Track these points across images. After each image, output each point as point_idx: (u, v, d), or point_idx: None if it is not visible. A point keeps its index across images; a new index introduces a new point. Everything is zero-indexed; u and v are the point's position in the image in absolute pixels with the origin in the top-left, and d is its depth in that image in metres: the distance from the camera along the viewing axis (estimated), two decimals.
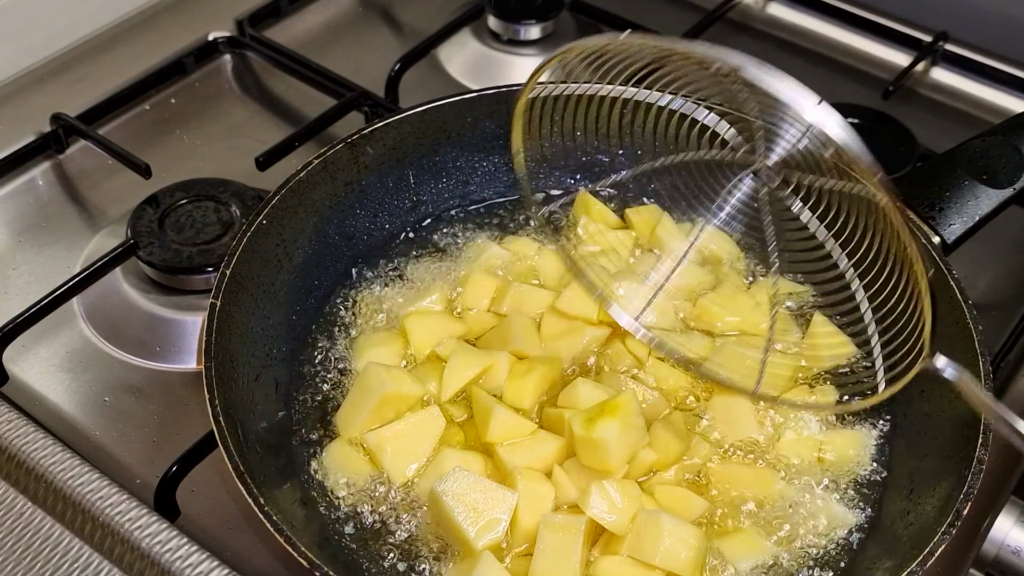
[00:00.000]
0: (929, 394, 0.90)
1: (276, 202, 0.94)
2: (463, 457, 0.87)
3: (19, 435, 0.89)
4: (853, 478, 0.89)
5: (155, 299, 1.05)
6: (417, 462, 0.88)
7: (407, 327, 0.97)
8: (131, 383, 1.00)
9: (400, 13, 1.46)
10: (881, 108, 1.28)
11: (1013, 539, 0.92)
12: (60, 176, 1.20)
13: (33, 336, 1.01)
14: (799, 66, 1.39)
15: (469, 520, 0.81)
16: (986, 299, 1.10)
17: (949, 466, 0.83)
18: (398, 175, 1.05)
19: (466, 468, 0.85)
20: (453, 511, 0.81)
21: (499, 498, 0.82)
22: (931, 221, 0.95)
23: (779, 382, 0.92)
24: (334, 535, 0.85)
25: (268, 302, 0.93)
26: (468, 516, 0.81)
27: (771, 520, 0.86)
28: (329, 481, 0.88)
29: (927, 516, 0.80)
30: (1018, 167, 0.98)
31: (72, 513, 0.85)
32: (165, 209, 1.09)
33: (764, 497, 0.87)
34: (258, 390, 0.90)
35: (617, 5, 1.41)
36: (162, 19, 1.37)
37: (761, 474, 0.88)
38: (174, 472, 0.89)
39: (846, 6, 1.42)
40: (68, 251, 1.12)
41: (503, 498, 0.83)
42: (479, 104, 1.05)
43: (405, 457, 0.88)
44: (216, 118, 1.28)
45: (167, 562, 0.81)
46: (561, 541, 0.81)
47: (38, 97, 1.26)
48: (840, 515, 0.87)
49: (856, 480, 0.89)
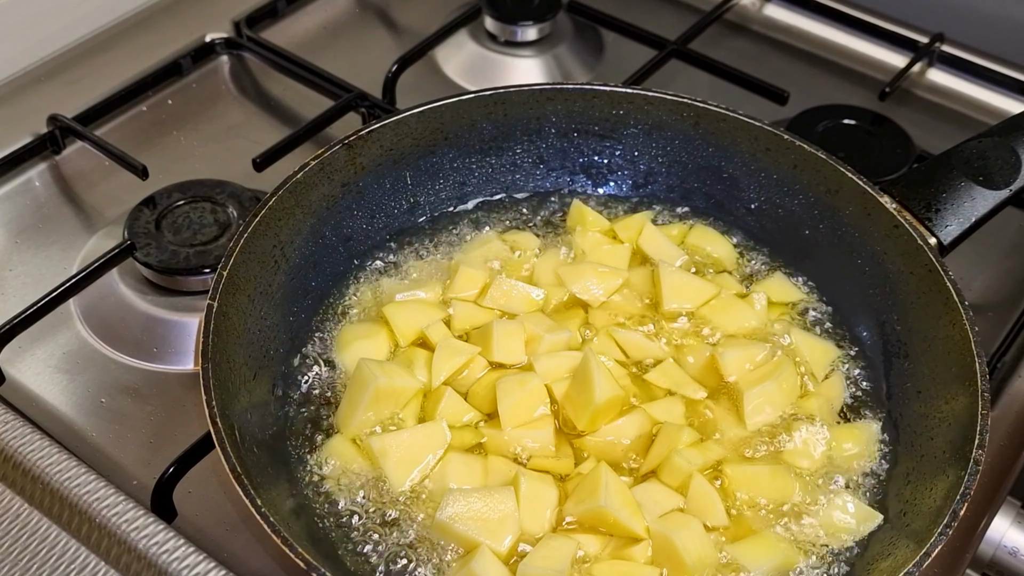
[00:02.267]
0: (926, 395, 0.90)
1: (273, 203, 0.94)
2: (464, 461, 0.88)
3: (15, 436, 0.89)
4: (851, 478, 0.90)
5: (152, 300, 1.05)
6: (418, 471, 0.88)
7: (389, 316, 0.97)
8: (128, 384, 1.00)
9: (397, 14, 1.46)
10: (877, 109, 1.29)
11: (1010, 539, 0.92)
12: (57, 177, 1.20)
13: (30, 337, 1.01)
14: (796, 67, 1.39)
15: (485, 533, 0.82)
16: (982, 300, 1.11)
17: (946, 467, 0.83)
18: (395, 176, 1.05)
19: (468, 471, 0.86)
20: (467, 532, 0.82)
21: (500, 499, 0.83)
22: (927, 222, 0.95)
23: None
24: (331, 535, 0.85)
25: (265, 303, 0.93)
26: (482, 530, 0.82)
27: (786, 524, 0.86)
28: (327, 482, 0.88)
29: (924, 517, 0.81)
30: (1014, 168, 0.98)
31: (69, 514, 0.85)
32: (162, 210, 1.09)
33: (781, 499, 0.87)
34: (255, 391, 0.89)
35: (614, 6, 1.41)
36: (159, 20, 1.37)
37: (778, 474, 0.88)
38: (171, 473, 0.89)
39: (843, 7, 1.42)
40: (65, 252, 1.12)
41: (504, 498, 0.83)
42: (476, 105, 1.05)
43: (407, 465, 0.87)
44: (213, 119, 1.28)
45: (164, 563, 0.81)
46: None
47: (35, 98, 1.25)
48: (849, 519, 0.87)
49: (854, 482, 0.89)
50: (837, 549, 0.85)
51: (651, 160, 1.09)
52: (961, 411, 0.84)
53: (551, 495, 0.85)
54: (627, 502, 0.83)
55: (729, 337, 0.98)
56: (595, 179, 1.11)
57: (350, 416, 0.90)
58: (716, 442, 0.90)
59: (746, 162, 1.05)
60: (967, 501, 0.77)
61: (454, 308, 0.98)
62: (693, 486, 0.85)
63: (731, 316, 0.99)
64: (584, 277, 1.00)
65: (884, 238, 0.96)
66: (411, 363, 0.94)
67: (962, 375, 0.85)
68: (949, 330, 0.88)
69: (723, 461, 0.89)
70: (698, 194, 1.09)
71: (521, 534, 0.83)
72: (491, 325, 0.95)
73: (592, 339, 0.97)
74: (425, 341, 0.96)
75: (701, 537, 0.83)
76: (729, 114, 1.03)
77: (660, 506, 0.85)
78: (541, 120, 1.07)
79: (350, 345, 0.96)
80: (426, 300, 1.00)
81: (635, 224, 1.06)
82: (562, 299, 1.00)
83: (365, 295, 1.02)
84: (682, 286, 0.99)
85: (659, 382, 0.94)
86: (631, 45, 1.37)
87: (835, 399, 0.94)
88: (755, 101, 1.27)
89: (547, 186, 1.11)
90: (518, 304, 0.99)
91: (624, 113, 1.06)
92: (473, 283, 1.00)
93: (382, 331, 0.97)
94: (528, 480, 0.85)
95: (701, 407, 0.93)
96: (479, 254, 1.04)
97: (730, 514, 0.86)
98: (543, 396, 0.90)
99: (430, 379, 0.92)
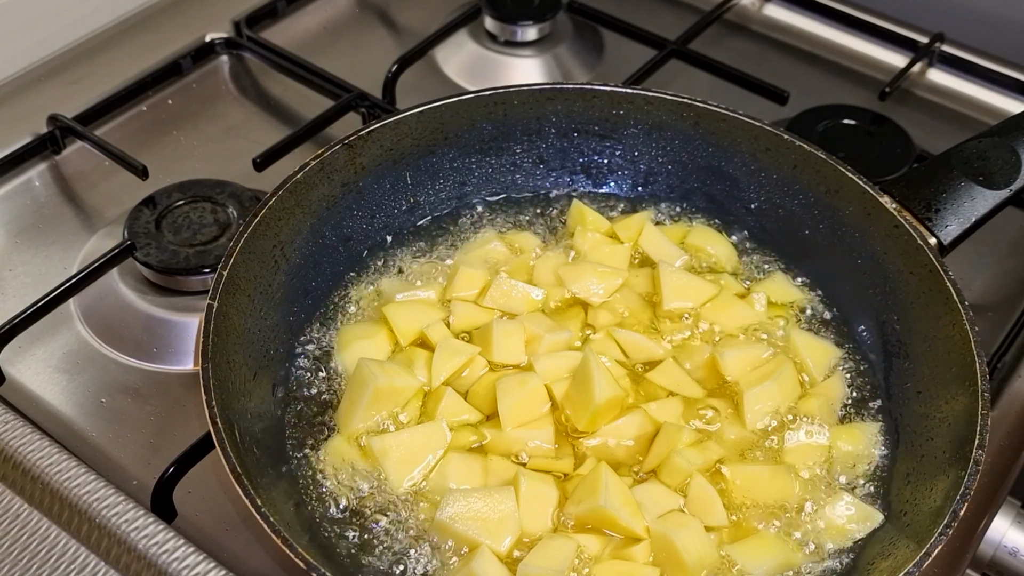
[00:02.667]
0: (926, 395, 0.90)
1: (273, 203, 0.94)
2: (464, 461, 0.88)
3: (15, 436, 0.89)
4: (851, 478, 0.90)
5: (152, 300, 1.05)
6: (419, 471, 0.88)
7: (389, 316, 0.97)
8: (128, 384, 1.00)
9: (397, 14, 1.46)
10: (878, 109, 1.29)
11: (1010, 539, 0.92)
12: (57, 177, 1.20)
13: (30, 337, 1.01)
14: (796, 67, 1.39)
15: (485, 533, 0.82)
16: (982, 300, 1.11)
17: (946, 467, 0.83)
18: (395, 176, 1.05)
19: (468, 471, 0.86)
20: (467, 532, 0.82)
21: (500, 500, 0.83)
22: (927, 222, 0.95)
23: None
24: (331, 536, 0.85)
25: (265, 303, 0.93)
26: (482, 530, 0.82)
27: (786, 524, 0.86)
28: (327, 482, 0.88)
29: (923, 517, 0.81)
30: (1014, 168, 0.98)
31: (69, 514, 0.85)
32: (162, 210, 1.09)
33: (781, 499, 0.87)
34: (255, 391, 0.89)
35: (614, 6, 1.41)
36: (159, 20, 1.37)
37: (778, 474, 0.88)
38: (171, 473, 0.89)
39: (843, 7, 1.42)
40: (65, 252, 1.12)
41: (504, 498, 0.83)
42: (476, 105, 1.05)
43: (407, 465, 0.87)
44: (213, 119, 1.28)
45: (164, 563, 0.81)
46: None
47: (35, 98, 1.25)
48: (849, 519, 0.87)
49: (853, 482, 0.89)
50: (837, 549, 0.85)
51: (651, 160, 1.09)
52: (961, 411, 0.84)
53: (551, 495, 0.85)
54: (627, 502, 0.83)
55: (729, 337, 0.98)
56: (595, 179, 1.11)
57: (350, 416, 0.90)
58: (716, 442, 0.90)
59: (746, 162, 1.05)
60: (967, 501, 0.77)
61: (454, 308, 0.98)
62: (693, 486, 0.85)
63: (731, 316, 0.99)
64: (584, 277, 1.00)
65: (884, 238, 0.96)
66: (411, 363, 0.94)
67: (962, 375, 0.85)
68: (949, 330, 0.88)
69: (723, 461, 0.89)
70: (698, 194, 1.09)
71: (521, 534, 0.83)
72: (491, 325, 0.95)
73: (592, 338, 0.97)
74: (425, 341, 0.96)
75: (701, 537, 0.83)
76: (729, 114, 1.03)
77: (660, 506, 0.85)
78: (541, 120, 1.07)
79: (350, 345, 0.96)
80: (426, 300, 1.00)
81: (635, 224, 1.06)
82: (562, 298, 1.00)
83: (365, 295, 1.02)
84: (682, 286, 0.99)
85: (659, 382, 0.94)
86: (631, 45, 1.37)
87: (835, 399, 0.94)
88: (755, 101, 1.27)
89: (547, 186, 1.11)
90: (518, 304, 0.99)
91: (624, 113, 1.06)
92: (473, 283, 1.00)
93: (382, 331, 0.97)
94: (528, 480, 0.85)
95: (701, 407, 0.93)
96: (479, 254, 1.04)
97: (730, 514, 0.86)
98: (543, 396, 0.90)
99: (430, 379, 0.92)
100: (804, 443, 0.90)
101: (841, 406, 0.94)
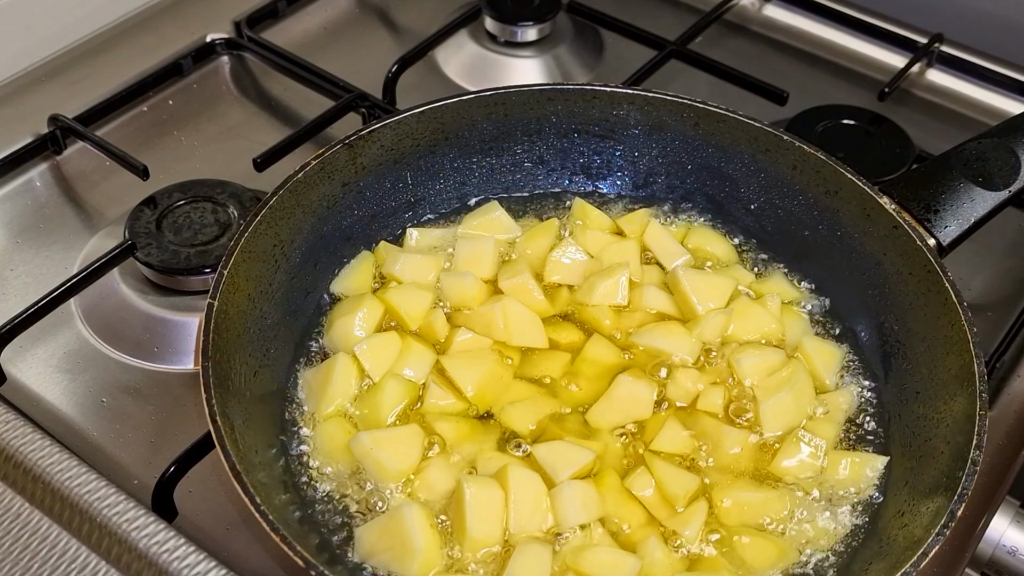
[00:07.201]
0: (924, 395, 0.90)
1: (274, 203, 0.94)
2: (452, 462, 0.88)
3: (17, 436, 0.89)
4: (850, 478, 0.90)
5: (153, 300, 1.05)
6: (409, 468, 0.88)
7: (387, 299, 0.98)
8: (129, 384, 1.00)
9: (397, 15, 1.46)
10: (877, 110, 1.29)
11: (1009, 539, 0.92)
12: (58, 177, 1.20)
13: (31, 337, 1.01)
14: (795, 68, 1.39)
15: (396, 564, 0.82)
16: (981, 301, 1.11)
17: (944, 466, 0.83)
18: (396, 176, 1.05)
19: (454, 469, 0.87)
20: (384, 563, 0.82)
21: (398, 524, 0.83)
22: (926, 223, 0.95)
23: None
24: (331, 535, 0.85)
25: (265, 302, 0.93)
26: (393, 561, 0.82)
27: (783, 525, 0.86)
28: (327, 482, 0.88)
29: (922, 516, 0.81)
30: (1014, 169, 0.98)
31: (70, 514, 0.85)
32: (163, 210, 1.10)
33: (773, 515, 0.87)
34: (256, 390, 0.90)
35: (614, 7, 1.41)
36: (160, 21, 1.37)
37: (768, 495, 0.87)
38: (172, 473, 0.89)
39: (842, 8, 1.42)
40: (66, 252, 1.12)
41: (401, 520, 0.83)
42: (476, 105, 1.05)
43: (399, 461, 0.87)
44: (214, 119, 1.28)
45: (164, 563, 0.81)
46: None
47: (36, 98, 1.26)
48: (847, 519, 0.87)
49: (852, 482, 0.89)
50: (836, 549, 0.85)
51: (651, 160, 1.09)
52: (959, 411, 0.84)
53: (540, 489, 0.85)
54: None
55: (745, 344, 0.97)
56: (595, 179, 1.11)
57: (324, 394, 0.91)
58: (708, 465, 0.90)
59: (746, 163, 1.05)
60: (964, 501, 0.77)
61: (453, 286, 1.00)
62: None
63: (749, 322, 0.98)
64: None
65: (883, 239, 0.96)
66: (397, 345, 0.95)
67: (960, 375, 0.86)
68: (948, 331, 0.88)
69: (714, 486, 0.88)
70: (698, 194, 1.09)
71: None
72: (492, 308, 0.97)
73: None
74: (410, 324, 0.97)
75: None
76: (729, 115, 1.03)
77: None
78: (541, 120, 1.08)
79: (336, 321, 0.97)
80: (413, 283, 1.01)
81: (638, 220, 1.07)
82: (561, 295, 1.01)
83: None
84: (705, 286, 0.99)
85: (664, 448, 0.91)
86: (631, 45, 1.37)
87: (844, 410, 0.94)
88: (755, 101, 1.27)
89: (547, 186, 1.12)
90: (520, 296, 1.00)
91: (624, 113, 1.07)
92: (476, 257, 1.02)
93: (364, 303, 0.97)
94: (516, 473, 0.85)
95: (701, 420, 0.92)
96: (480, 226, 1.05)
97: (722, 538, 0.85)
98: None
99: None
100: (803, 448, 0.89)
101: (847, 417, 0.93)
